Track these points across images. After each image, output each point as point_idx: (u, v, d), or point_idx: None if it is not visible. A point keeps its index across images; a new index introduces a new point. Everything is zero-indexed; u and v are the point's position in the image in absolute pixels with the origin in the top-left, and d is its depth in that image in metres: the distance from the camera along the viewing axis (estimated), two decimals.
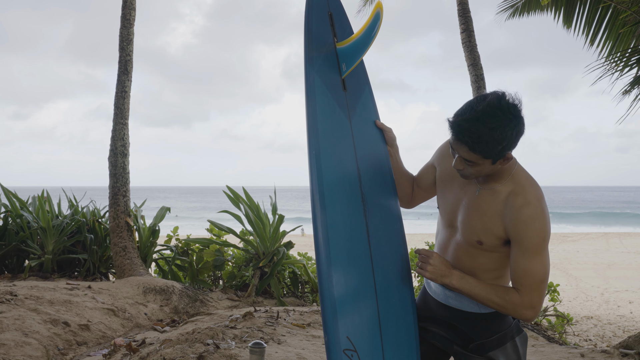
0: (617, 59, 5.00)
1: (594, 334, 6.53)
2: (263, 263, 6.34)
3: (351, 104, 1.95)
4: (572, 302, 8.64)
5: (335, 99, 1.89)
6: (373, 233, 1.86)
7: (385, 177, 1.99)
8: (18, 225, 7.02)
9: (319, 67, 1.87)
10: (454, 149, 1.68)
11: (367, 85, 2.05)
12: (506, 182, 1.72)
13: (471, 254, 1.76)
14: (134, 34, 7.12)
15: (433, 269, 1.72)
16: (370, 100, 2.04)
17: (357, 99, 1.98)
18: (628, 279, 10.98)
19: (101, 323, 4.83)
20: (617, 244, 19.13)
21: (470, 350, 1.78)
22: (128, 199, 6.86)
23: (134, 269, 6.41)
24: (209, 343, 3.53)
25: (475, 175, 1.71)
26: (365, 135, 1.96)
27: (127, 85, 6.99)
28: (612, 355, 3.78)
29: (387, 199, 1.97)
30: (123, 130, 6.91)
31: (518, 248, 1.66)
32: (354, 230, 1.80)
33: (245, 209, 6.60)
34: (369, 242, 1.83)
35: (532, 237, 1.63)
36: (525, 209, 1.64)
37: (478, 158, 1.64)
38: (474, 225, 1.74)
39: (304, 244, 18.02)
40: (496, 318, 1.78)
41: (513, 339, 1.78)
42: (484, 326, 1.78)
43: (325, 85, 1.87)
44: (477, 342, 1.77)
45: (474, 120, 1.59)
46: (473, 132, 1.59)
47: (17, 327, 4.12)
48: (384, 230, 1.90)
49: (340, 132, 1.87)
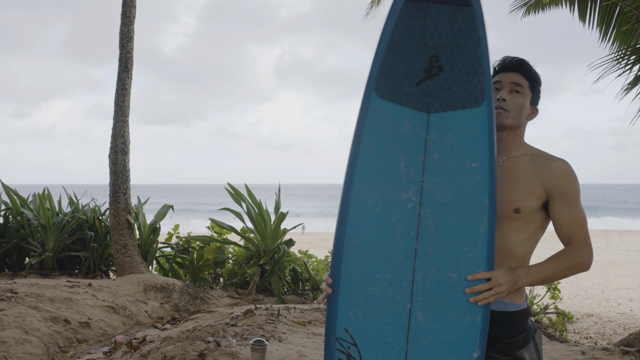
0: (620, 57, 5.00)
1: (595, 332, 6.53)
2: (264, 261, 6.34)
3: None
4: (573, 299, 8.64)
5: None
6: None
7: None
8: (19, 223, 7.02)
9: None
10: (502, 81, 1.83)
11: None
12: (522, 149, 1.85)
13: (503, 231, 1.75)
14: (134, 31, 7.10)
15: (507, 286, 1.64)
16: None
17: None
18: (628, 277, 10.98)
19: (102, 321, 4.83)
20: (617, 241, 19.14)
21: (497, 350, 1.76)
22: (128, 197, 6.86)
23: (135, 266, 6.41)
24: (210, 341, 3.53)
25: (514, 113, 1.81)
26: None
27: (127, 82, 6.98)
28: (612, 353, 3.78)
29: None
30: (123, 127, 6.91)
31: (562, 200, 1.75)
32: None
33: (247, 207, 6.60)
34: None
35: (574, 186, 1.75)
36: (558, 164, 1.77)
37: (526, 86, 1.82)
38: (509, 194, 1.77)
39: (305, 241, 18.04)
40: (522, 316, 1.78)
41: (533, 337, 1.80)
42: (510, 325, 1.77)
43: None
44: (505, 342, 1.76)
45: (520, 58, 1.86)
46: (524, 60, 1.84)
47: (17, 325, 4.12)
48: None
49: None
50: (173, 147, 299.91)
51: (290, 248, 6.64)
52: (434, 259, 1.60)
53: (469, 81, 1.61)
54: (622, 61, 4.98)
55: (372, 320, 1.61)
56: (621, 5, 5.23)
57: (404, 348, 1.60)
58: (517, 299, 1.78)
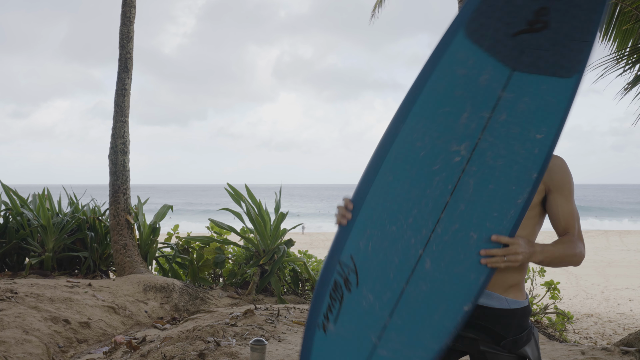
0: (619, 57, 5.00)
1: (594, 332, 6.53)
2: (263, 261, 6.34)
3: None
4: (572, 300, 8.64)
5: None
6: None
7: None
8: (18, 223, 7.02)
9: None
10: None
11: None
12: None
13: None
14: (134, 31, 7.11)
15: (523, 256, 1.63)
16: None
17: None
18: (628, 277, 10.98)
19: (101, 321, 4.83)
20: (617, 241, 19.15)
21: (502, 348, 1.77)
22: (128, 197, 6.86)
23: (135, 266, 6.41)
24: (210, 340, 3.53)
25: None
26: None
27: (127, 82, 6.98)
28: (612, 353, 3.78)
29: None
30: (123, 127, 6.91)
31: (560, 194, 1.77)
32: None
33: (247, 207, 6.60)
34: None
35: (570, 181, 1.79)
36: (555, 159, 1.78)
37: None
38: None
39: (305, 241, 18.05)
40: (524, 314, 1.80)
41: (533, 334, 1.82)
42: (514, 322, 1.78)
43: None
44: (510, 339, 1.77)
45: None
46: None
47: (17, 325, 4.12)
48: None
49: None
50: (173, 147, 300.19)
51: (290, 248, 6.64)
52: (462, 216, 1.55)
53: (571, 48, 1.43)
54: (622, 61, 4.98)
55: (380, 256, 1.58)
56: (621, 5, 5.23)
57: (401, 287, 1.58)
58: (519, 297, 1.79)
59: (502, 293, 1.78)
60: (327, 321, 1.59)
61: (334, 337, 1.59)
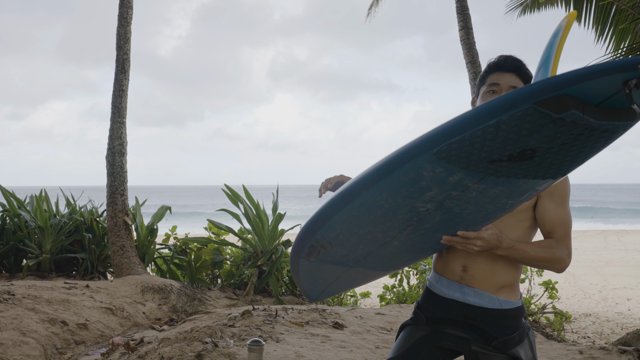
0: (616, 56, 5.01)
1: (592, 331, 6.53)
2: (261, 262, 6.34)
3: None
4: (570, 299, 8.65)
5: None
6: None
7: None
8: (16, 225, 7.00)
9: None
10: (499, 84, 1.81)
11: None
12: None
13: (497, 226, 1.73)
14: (131, 32, 7.10)
15: (479, 249, 1.61)
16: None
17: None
18: (626, 277, 11.00)
19: (99, 322, 4.82)
20: (615, 241, 19.17)
21: (493, 348, 1.77)
22: (126, 198, 6.85)
23: (132, 267, 6.40)
24: (208, 341, 3.52)
25: None
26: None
27: (124, 84, 6.97)
28: (610, 352, 3.78)
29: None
30: (120, 129, 6.90)
31: (551, 199, 1.76)
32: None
33: (244, 208, 6.59)
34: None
35: (563, 187, 1.76)
36: None
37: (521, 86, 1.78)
38: None
39: None
40: (516, 314, 1.78)
41: (527, 335, 1.80)
42: (506, 323, 1.77)
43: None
44: (501, 339, 1.76)
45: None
46: (520, 62, 1.83)
47: (15, 327, 4.11)
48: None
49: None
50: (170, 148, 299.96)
51: (287, 249, 6.64)
52: (433, 227, 1.56)
53: (559, 169, 1.34)
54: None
55: (352, 239, 1.67)
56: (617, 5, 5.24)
57: (369, 252, 1.70)
58: (512, 297, 1.78)
59: (494, 293, 1.78)
60: (308, 259, 1.79)
61: (316, 263, 1.81)
